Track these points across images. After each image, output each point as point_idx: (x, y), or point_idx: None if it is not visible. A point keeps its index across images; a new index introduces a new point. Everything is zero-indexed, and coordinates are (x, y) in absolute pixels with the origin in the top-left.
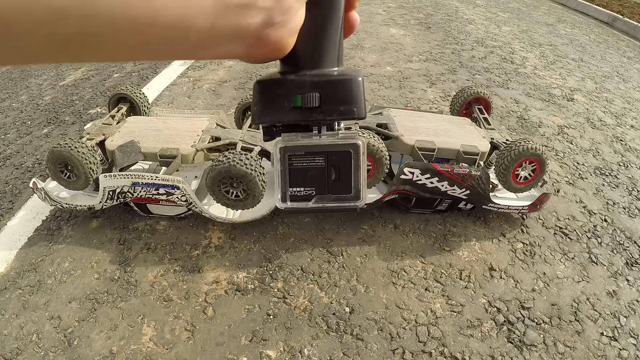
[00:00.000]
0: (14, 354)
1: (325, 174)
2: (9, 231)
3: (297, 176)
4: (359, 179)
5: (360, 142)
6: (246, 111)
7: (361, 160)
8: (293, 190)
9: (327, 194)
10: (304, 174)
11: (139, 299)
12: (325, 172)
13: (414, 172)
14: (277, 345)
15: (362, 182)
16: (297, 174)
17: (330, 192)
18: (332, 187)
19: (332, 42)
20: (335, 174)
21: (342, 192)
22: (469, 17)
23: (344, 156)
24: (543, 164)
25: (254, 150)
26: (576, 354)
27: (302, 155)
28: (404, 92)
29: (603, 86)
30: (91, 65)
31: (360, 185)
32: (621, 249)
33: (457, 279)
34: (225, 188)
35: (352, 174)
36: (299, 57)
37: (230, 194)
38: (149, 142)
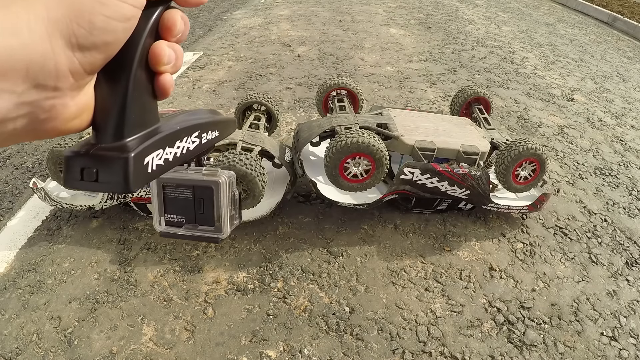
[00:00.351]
0: (14, 354)
1: (193, 205)
2: (9, 231)
3: (171, 204)
4: (221, 213)
5: (221, 181)
6: (246, 111)
7: (222, 197)
8: (168, 216)
9: (195, 223)
10: (176, 203)
11: (139, 299)
12: (192, 204)
13: (414, 172)
14: (277, 345)
15: (224, 217)
16: (171, 202)
17: (197, 222)
18: (199, 217)
19: (130, 114)
20: (201, 206)
21: (206, 224)
22: (469, 17)
23: (207, 191)
24: (543, 164)
25: (254, 150)
26: (576, 354)
27: (174, 187)
28: (404, 92)
29: (603, 86)
30: None
31: (222, 220)
32: (621, 249)
33: (457, 279)
34: None
35: (214, 208)
36: (98, 130)
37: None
38: None
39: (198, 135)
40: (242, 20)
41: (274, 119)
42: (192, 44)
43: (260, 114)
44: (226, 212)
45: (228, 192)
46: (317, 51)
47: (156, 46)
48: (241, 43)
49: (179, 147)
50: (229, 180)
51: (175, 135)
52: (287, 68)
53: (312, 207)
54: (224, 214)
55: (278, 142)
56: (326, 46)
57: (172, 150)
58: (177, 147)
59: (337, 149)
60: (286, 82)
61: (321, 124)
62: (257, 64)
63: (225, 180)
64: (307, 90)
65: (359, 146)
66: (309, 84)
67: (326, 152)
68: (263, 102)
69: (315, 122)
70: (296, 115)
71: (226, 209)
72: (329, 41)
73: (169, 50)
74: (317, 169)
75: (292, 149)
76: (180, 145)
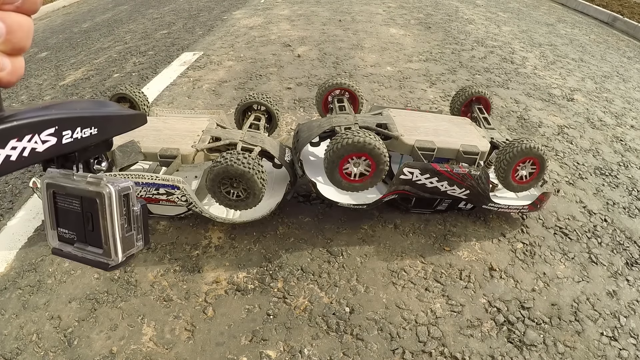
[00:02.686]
0: (14, 354)
1: (82, 220)
2: (9, 231)
3: (63, 216)
4: (109, 233)
5: (105, 192)
6: (246, 112)
7: (110, 213)
8: (61, 230)
9: (85, 243)
10: (68, 215)
11: (139, 299)
12: (82, 218)
13: (414, 172)
14: (277, 345)
15: (114, 238)
16: (62, 214)
17: (87, 242)
18: (89, 236)
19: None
20: (90, 223)
21: (95, 245)
22: (469, 17)
23: (93, 204)
24: (543, 163)
25: (254, 150)
26: (576, 354)
27: (64, 195)
28: (404, 92)
29: (603, 86)
30: (91, 65)
31: (111, 241)
32: (621, 249)
33: (457, 279)
34: (225, 189)
35: (100, 226)
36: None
37: (232, 194)
38: (149, 142)
39: (54, 133)
40: (242, 20)
41: (274, 119)
42: (192, 44)
43: (260, 114)
44: (116, 231)
45: (119, 206)
46: (317, 51)
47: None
48: (241, 43)
49: (14, 148)
50: (119, 192)
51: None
52: (287, 68)
53: (312, 207)
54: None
55: (278, 143)
56: (326, 46)
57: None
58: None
59: (337, 149)
60: (286, 82)
61: (321, 124)
62: (257, 64)
63: (112, 192)
64: (307, 90)
65: (358, 146)
66: (309, 84)
67: (326, 152)
68: (263, 102)
69: (315, 123)
70: (296, 115)
71: (116, 228)
72: (329, 41)
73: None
74: (317, 169)
75: (292, 149)
76: (16, 146)
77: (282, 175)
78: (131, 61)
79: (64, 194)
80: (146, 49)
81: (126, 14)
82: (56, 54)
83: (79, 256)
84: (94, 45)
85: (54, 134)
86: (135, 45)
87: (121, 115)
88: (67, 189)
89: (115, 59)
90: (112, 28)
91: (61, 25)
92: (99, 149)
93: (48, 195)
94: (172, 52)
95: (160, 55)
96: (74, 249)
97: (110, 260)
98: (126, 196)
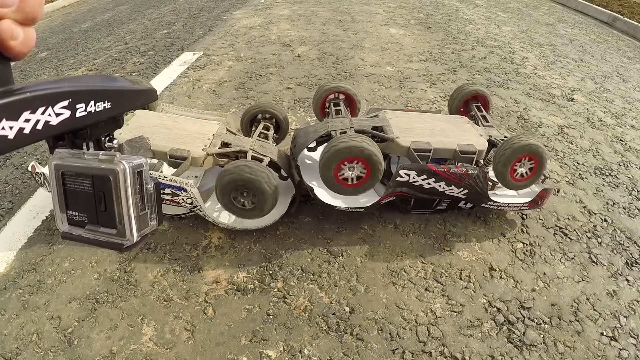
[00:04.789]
0: (14, 354)
1: (94, 201)
2: (9, 231)
3: (73, 198)
4: (123, 212)
5: (119, 169)
6: (253, 121)
7: (122, 190)
8: (70, 213)
9: (97, 224)
10: (78, 197)
11: (139, 299)
12: (93, 199)
13: (410, 173)
14: (277, 345)
15: (128, 217)
16: (72, 196)
17: (99, 223)
18: (101, 216)
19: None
20: (102, 203)
21: (108, 225)
22: (469, 17)
23: (106, 182)
24: (541, 159)
25: (264, 160)
26: (576, 354)
27: (74, 176)
28: (404, 92)
29: (603, 86)
30: (91, 65)
31: (126, 221)
32: (621, 249)
33: (457, 279)
34: (234, 196)
35: (114, 205)
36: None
37: (239, 202)
38: (159, 140)
39: (68, 106)
40: (242, 20)
41: (283, 129)
42: (192, 44)
43: (269, 124)
44: (131, 210)
45: (132, 183)
46: (317, 51)
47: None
48: (241, 43)
49: (27, 121)
50: (133, 169)
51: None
52: (287, 68)
53: (312, 207)
54: (128, 213)
55: (285, 155)
56: (326, 46)
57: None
58: (25, 119)
59: (331, 153)
60: (286, 82)
61: (317, 129)
62: (257, 64)
63: (126, 168)
64: (307, 90)
65: (352, 151)
66: (309, 84)
67: (320, 157)
68: (272, 112)
69: (312, 128)
70: (296, 115)
71: (130, 207)
72: (329, 41)
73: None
74: (314, 173)
75: (290, 155)
76: (30, 118)
77: (286, 187)
78: (131, 61)
79: (73, 174)
80: (146, 49)
81: (126, 14)
82: (56, 54)
83: (91, 238)
84: (94, 45)
85: (67, 107)
86: (135, 45)
87: (133, 90)
88: (77, 169)
89: (115, 59)
90: (112, 28)
91: (61, 25)
92: (109, 126)
93: (57, 177)
94: (172, 52)
95: (160, 55)
96: (85, 232)
97: (125, 240)
98: (139, 173)
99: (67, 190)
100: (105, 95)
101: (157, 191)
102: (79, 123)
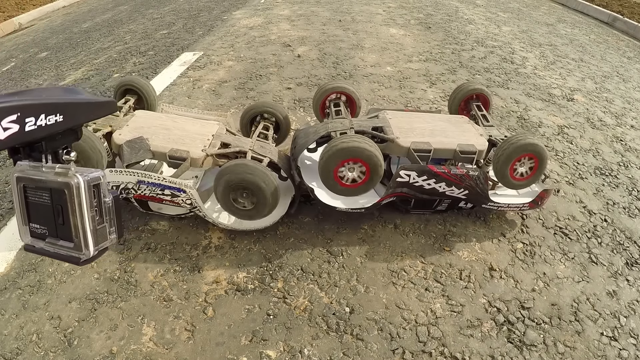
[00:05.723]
0: (14, 354)
1: (52, 214)
2: (9, 231)
3: (34, 211)
4: (79, 225)
5: (74, 182)
6: (252, 121)
7: (78, 204)
8: (33, 226)
9: (57, 237)
10: (39, 209)
11: (139, 299)
12: (52, 212)
13: (410, 174)
14: (277, 345)
15: (84, 231)
16: (34, 209)
17: (58, 236)
18: (60, 230)
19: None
20: (60, 216)
21: (66, 238)
22: (469, 17)
23: (62, 196)
24: (541, 158)
25: (263, 161)
26: (576, 354)
27: (34, 189)
28: (404, 92)
29: (603, 86)
30: (91, 65)
31: (81, 234)
32: (621, 249)
33: (457, 279)
34: (234, 197)
35: (70, 218)
36: None
37: (239, 203)
38: (159, 141)
39: (16, 120)
40: (242, 20)
41: (283, 129)
42: (192, 44)
43: (268, 124)
44: (86, 223)
45: (88, 197)
46: (317, 51)
47: None
48: (241, 43)
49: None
50: (88, 182)
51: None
52: (287, 68)
53: (312, 207)
54: (83, 227)
55: (285, 155)
56: (326, 46)
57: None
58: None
59: (330, 154)
60: (286, 82)
61: (317, 129)
62: (257, 64)
63: (80, 182)
64: (307, 90)
65: (352, 151)
66: (309, 84)
67: (320, 158)
68: (272, 112)
69: (312, 128)
70: (296, 115)
71: (86, 220)
72: (329, 41)
73: None
74: (314, 174)
75: (290, 156)
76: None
77: (286, 188)
78: (131, 61)
79: (34, 187)
80: (146, 49)
81: (126, 14)
82: (56, 54)
83: (50, 252)
84: (94, 46)
85: (15, 121)
86: (135, 45)
87: (89, 102)
88: (36, 182)
89: (115, 59)
90: (112, 28)
91: (61, 25)
92: (66, 138)
93: (18, 189)
94: (172, 52)
95: (160, 55)
96: (45, 245)
97: (82, 254)
98: (96, 186)
99: (28, 202)
100: (58, 109)
101: (117, 204)
102: (29, 137)
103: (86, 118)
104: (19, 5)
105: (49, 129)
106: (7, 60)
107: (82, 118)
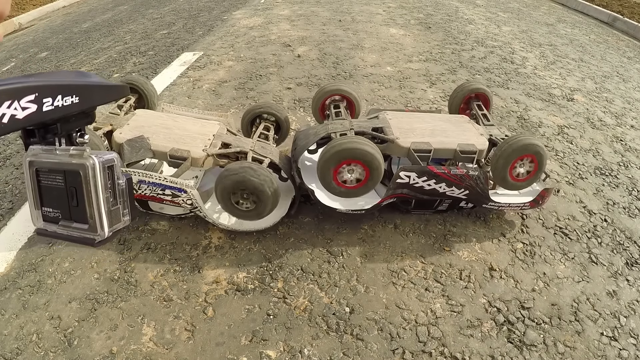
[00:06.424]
0: (14, 354)
1: (66, 196)
2: (9, 231)
3: (47, 195)
4: (94, 207)
5: (89, 163)
6: (254, 121)
7: (92, 185)
8: (45, 210)
9: (70, 220)
10: (52, 193)
11: (139, 299)
12: (66, 194)
13: (410, 175)
14: (277, 345)
15: (99, 212)
16: (47, 193)
17: (72, 218)
18: (74, 212)
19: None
20: (74, 198)
21: (80, 220)
22: (469, 17)
23: (76, 178)
24: (541, 159)
25: (264, 161)
26: (576, 354)
27: (47, 172)
28: (404, 92)
29: (603, 86)
30: (91, 65)
31: (97, 216)
32: (621, 249)
33: (457, 279)
34: (235, 198)
35: (85, 200)
36: None
37: (240, 204)
38: (159, 140)
39: (34, 100)
40: (242, 20)
41: (283, 129)
42: (192, 44)
43: (269, 124)
44: (101, 205)
45: (103, 178)
46: (317, 51)
47: None
48: (241, 43)
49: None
50: (103, 164)
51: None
52: (287, 68)
53: (312, 207)
54: (99, 208)
55: (285, 156)
56: (326, 46)
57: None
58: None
59: (329, 156)
60: (286, 82)
61: (317, 131)
62: (257, 64)
63: (95, 163)
64: (307, 90)
65: (351, 152)
66: (309, 84)
67: (319, 159)
68: (273, 113)
69: (312, 130)
70: (296, 116)
71: (101, 201)
72: (329, 41)
73: None
74: (314, 175)
75: (290, 157)
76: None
77: (286, 189)
78: (131, 61)
79: (46, 170)
80: (146, 49)
81: (126, 14)
82: (56, 54)
83: (64, 234)
84: (94, 46)
85: (34, 101)
86: (135, 45)
87: (102, 85)
88: (49, 165)
89: (115, 59)
90: (112, 28)
91: (61, 25)
92: (80, 121)
93: (31, 173)
94: (172, 52)
95: (160, 55)
96: (59, 228)
97: (96, 235)
98: (110, 168)
99: (41, 186)
100: (74, 90)
101: (130, 187)
102: (46, 117)
103: (100, 100)
104: (19, 5)
105: (65, 109)
106: (7, 60)
107: (97, 100)
